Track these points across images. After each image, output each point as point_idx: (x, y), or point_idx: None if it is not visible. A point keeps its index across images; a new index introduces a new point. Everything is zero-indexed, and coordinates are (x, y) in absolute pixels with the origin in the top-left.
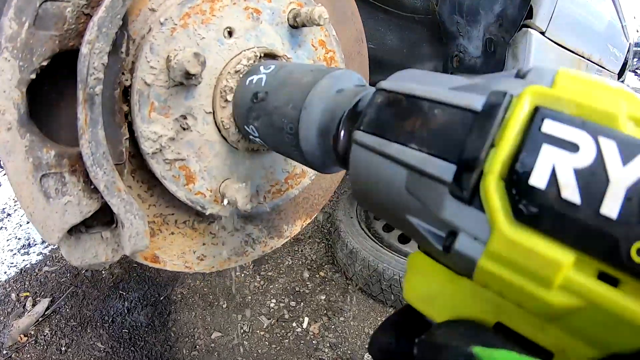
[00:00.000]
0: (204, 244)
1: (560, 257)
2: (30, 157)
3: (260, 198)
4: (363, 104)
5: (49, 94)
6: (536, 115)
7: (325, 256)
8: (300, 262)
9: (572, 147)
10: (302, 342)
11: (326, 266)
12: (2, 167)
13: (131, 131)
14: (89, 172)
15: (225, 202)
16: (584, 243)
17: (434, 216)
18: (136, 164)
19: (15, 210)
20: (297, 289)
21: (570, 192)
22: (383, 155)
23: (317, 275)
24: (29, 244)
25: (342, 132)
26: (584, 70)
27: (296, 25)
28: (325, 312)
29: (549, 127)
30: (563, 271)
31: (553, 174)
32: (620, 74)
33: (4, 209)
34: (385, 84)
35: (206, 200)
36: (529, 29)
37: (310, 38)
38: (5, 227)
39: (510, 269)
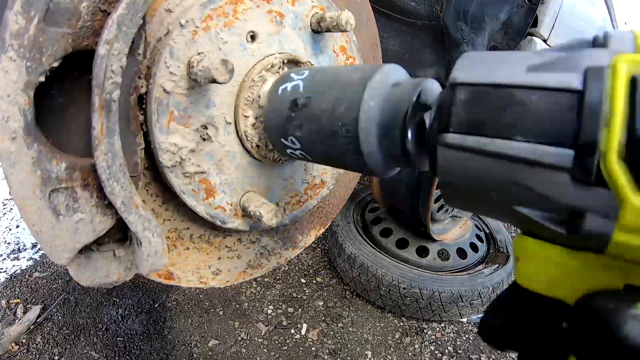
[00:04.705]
0: (219, 258)
1: None
2: (37, 170)
3: (281, 210)
4: (425, 97)
5: (57, 97)
6: (638, 85)
7: (322, 261)
8: (296, 268)
9: None
10: (301, 349)
11: (323, 272)
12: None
13: (146, 141)
14: (104, 186)
15: (251, 221)
16: None
17: (552, 203)
18: (150, 176)
19: (4, 213)
20: (294, 295)
21: None
22: (483, 154)
23: (314, 281)
24: (18, 249)
25: (410, 130)
26: None
27: (320, 30)
28: (323, 318)
29: None
30: None
31: None
32: None
33: None
34: (461, 76)
35: (226, 215)
36: (534, 38)
37: (331, 44)
38: None
39: None
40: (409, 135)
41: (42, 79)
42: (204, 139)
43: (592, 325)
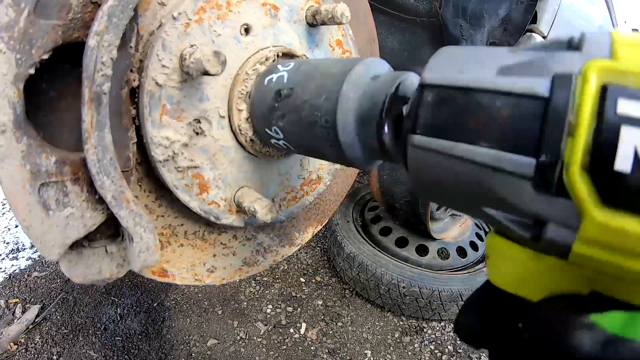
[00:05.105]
0: (214, 255)
1: None
2: (27, 164)
3: (276, 206)
4: (404, 89)
5: (47, 91)
6: (607, 95)
7: (321, 260)
8: (295, 267)
9: None
10: (300, 348)
11: (322, 271)
12: None
13: (138, 135)
14: (94, 180)
15: (246, 217)
16: None
17: (516, 208)
18: (143, 171)
19: (3, 213)
20: (293, 294)
21: None
22: (449, 156)
23: (313, 280)
24: (17, 249)
25: (387, 123)
26: None
27: (315, 23)
28: (322, 317)
29: (624, 107)
30: None
31: (636, 156)
32: None
33: None
34: (430, 77)
35: (220, 211)
36: (533, 34)
37: (327, 37)
38: None
39: (606, 249)
40: (386, 127)
41: (32, 71)
42: (197, 133)
43: (541, 331)
